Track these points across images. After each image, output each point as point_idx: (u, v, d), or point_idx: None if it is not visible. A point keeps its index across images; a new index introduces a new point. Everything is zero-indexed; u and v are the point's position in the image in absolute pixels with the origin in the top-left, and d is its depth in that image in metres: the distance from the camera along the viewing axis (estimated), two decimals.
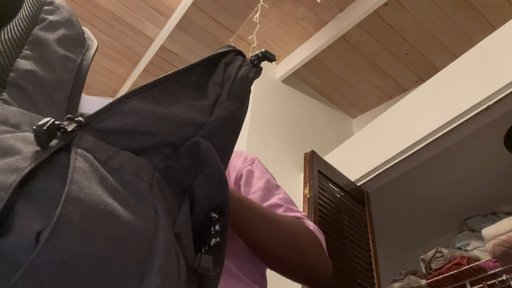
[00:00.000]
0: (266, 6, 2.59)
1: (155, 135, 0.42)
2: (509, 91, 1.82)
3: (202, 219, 0.45)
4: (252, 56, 0.54)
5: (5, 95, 0.41)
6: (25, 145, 0.35)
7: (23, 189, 0.32)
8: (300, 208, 2.00)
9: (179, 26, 2.82)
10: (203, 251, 0.43)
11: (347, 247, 2.00)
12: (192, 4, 2.66)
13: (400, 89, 3.04)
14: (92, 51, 0.51)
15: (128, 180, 0.38)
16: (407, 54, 2.82)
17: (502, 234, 1.98)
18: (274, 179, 0.83)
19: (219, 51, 0.53)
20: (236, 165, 0.81)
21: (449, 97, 2.06)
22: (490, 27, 2.48)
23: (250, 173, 0.80)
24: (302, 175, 2.23)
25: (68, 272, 0.30)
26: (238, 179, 0.79)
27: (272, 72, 2.98)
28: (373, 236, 2.19)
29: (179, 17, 2.77)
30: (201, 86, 0.49)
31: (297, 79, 3.04)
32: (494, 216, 2.43)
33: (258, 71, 0.54)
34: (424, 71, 2.84)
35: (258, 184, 0.78)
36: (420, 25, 2.64)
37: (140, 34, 3.01)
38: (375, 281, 2.02)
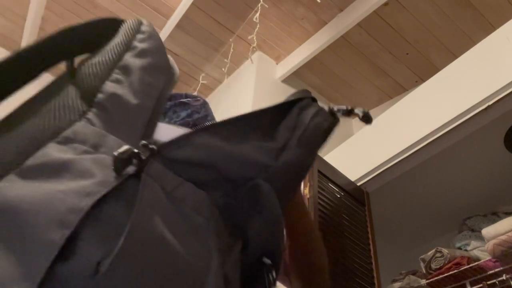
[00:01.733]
0: (266, 6, 2.59)
1: (220, 170, 0.43)
2: (509, 91, 1.82)
3: (251, 263, 0.44)
4: (334, 107, 0.54)
5: (90, 115, 0.42)
6: (100, 168, 0.36)
7: (91, 212, 0.32)
8: None
9: (179, 26, 2.82)
10: None
11: (347, 247, 2.00)
12: (192, 4, 2.66)
13: (400, 89, 3.04)
14: (173, 80, 0.52)
15: (188, 214, 0.39)
16: (407, 54, 2.82)
17: (502, 234, 1.98)
18: None
19: (294, 97, 0.53)
20: None
21: (449, 97, 2.06)
22: (490, 27, 2.48)
23: None
24: None
25: None
26: None
27: (272, 72, 2.97)
28: (373, 236, 2.18)
29: (179, 17, 2.76)
30: (272, 128, 0.49)
31: (297, 79, 3.04)
32: (494, 216, 2.43)
33: (334, 122, 0.53)
34: (424, 71, 2.84)
35: None
36: (420, 25, 2.64)
37: None
38: (375, 281, 2.02)
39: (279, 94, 2.86)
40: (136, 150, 0.37)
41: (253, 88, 2.67)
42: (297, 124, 0.50)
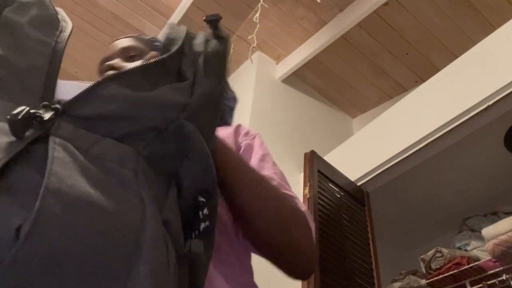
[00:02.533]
0: (266, 6, 2.59)
1: (138, 119, 0.41)
2: (509, 91, 1.82)
3: (190, 204, 0.44)
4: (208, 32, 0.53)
5: None
6: None
7: None
8: None
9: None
10: (193, 236, 0.42)
11: (347, 247, 2.00)
12: (192, 4, 2.67)
13: (400, 89, 3.04)
14: (67, 33, 0.48)
15: (111, 169, 0.37)
16: (407, 54, 2.82)
17: (502, 234, 1.98)
18: (271, 158, 0.79)
19: (183, 35, 0.52)
20: (236, 139, 0.78)
21: (449, 97, 2.06)
22: (490, 27, 2.48)
23: (249, 146, 0.77)
24: (302, 175, 2.23)
25: (52, 266, 0.29)
26: (236, 151, 0.76)
27: (272, 72, 2.97)
28: (373, 236, 2.19)
29: (179, 17, 2.76)
30: (176, 69, 0.48)
31: (297, 79, 3.04)
32: (494, 216, 2.43)
33: (225, 41, 0.53)
34: (424, 71, 2.84)
35: (254, 157, 0.75)
36: (420, 25, 2.64)
37: (140, 34, 3.00)
38: (375, 281, 2.02)
39: (279, 94, 2.86)
40: (33, 110, 0.35)
41: (253, 88, 2.67)
42: (195, 57, 0.49)
